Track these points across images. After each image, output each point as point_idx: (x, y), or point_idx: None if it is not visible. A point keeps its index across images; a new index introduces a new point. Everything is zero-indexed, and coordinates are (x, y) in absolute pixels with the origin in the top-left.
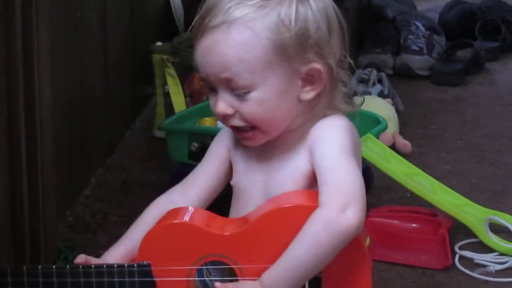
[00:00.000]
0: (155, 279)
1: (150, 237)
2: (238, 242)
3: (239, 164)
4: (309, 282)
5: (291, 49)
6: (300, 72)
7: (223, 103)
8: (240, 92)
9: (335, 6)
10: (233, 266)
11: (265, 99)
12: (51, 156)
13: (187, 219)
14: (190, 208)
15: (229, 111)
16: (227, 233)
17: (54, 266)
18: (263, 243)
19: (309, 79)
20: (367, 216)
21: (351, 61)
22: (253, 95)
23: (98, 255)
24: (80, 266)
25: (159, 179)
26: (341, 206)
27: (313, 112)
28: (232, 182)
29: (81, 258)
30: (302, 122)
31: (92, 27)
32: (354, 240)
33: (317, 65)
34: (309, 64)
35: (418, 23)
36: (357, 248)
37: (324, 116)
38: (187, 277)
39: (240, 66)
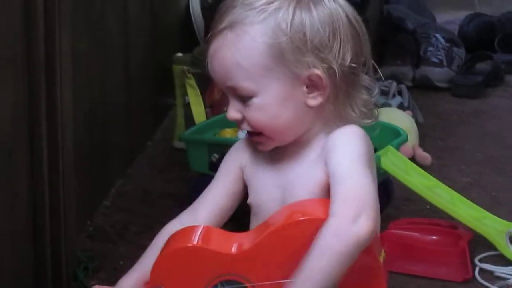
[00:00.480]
0: None
1: (160, 262)
2: (248, 260)
3: (254, 182)
4: None
5: (289, 54)
6: (302, 77)
7: (232, 109)
8: (244, 98)
9: (348, 11)
10: (247, 285)
11: (267, 105)
12: (72, 165)
13: (195, 241)
14: (199, 228)
15: (238, 116)
16: (236, 252)
17: None
18: (274, 259)
19: (313, 84)
20: (387, 228)
21: (377, 67)
22: (255, 101)
23: (118, 266)
24: None
25: (179, 189)
26: (352, 216)
27: (325, 120)
28: (248, 201)
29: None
30: (315, 132)
31: (114, 37)
32: (368, 253)
33: (317, 71)
34: (309, 69)
35: (438, 35)
36: (371, 261)
37: (338, 126)
38: None
39: (240, 73)
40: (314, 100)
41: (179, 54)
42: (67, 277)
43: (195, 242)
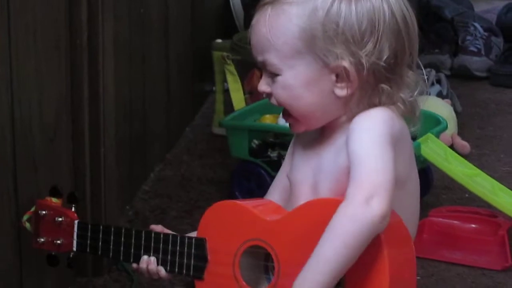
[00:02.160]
0: (207, 254)
1: (208, 213)
2: (276, 229)
3: (295, 159)
4: None
5: (320, 41)
6: (330, 66)
7: (263, 82)
8: (272, 74)
9: (396, 8)
10: (271, 252)
11: (290, 85)
12: (113, 151)
13: (244, 202)
14: (259, 198)
15: (267, 89)
16: (269, 219)
17: (134, 229)
18: (298, 233)
19: (341, 75)
20: (426, 216)
21: (420, 64)
22: (280, 79)
23: None
24: (153, 232)
25: (218, 175)
26: (365, 198)
27: (353, 112)
28: (287, 175)
29: (158, 227)
30: (343, 121)
31: (154, 23)
32: (376, 242)
33: (344, 63)
34: (337, 60)
35: (477, 24)
36: (376, 249)
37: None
38: (234, 257)
39: (270, 49)
40: (341, 91)
41: (219, 40)
42: (108, 261)
43: (241, 201)
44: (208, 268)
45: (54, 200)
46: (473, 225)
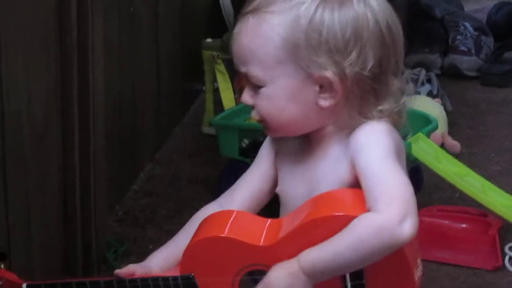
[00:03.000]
0: None
1: (190, 250)
2: (277, 251)
3: (283, 173)
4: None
5: (303, 51)
6: (314, 77)
7: (246, 94)
8: (255, 86)
9: (380, 16)
10: None
11: (275, 96)
12: (103, 150)
13: (225, 231)
14: (231, 214)
15: (250, 102)
16: (264, 244)
17: (101, 281)
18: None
19: (325, 85)
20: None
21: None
22: (264, 90)
23: (147, 250)
24: (127, 280)
25: (208, 174)
26: (399, 217)
27: (339, 122)
28: (277, 190)
29: (129, 269)
30: (330, 131)
31: (144, 21)
32: (399, 255)
33: (327, 73)
34: (320, 70)
35: (467, 24)
36: (401, 262)
37: (362, 122)
38: (232, 285)
39: (252, 60)
40: (325, 101)
41: (209, 40)
42: (97, 260)
43: (225, 232)
44: None
45: None
46: (464, 225)
